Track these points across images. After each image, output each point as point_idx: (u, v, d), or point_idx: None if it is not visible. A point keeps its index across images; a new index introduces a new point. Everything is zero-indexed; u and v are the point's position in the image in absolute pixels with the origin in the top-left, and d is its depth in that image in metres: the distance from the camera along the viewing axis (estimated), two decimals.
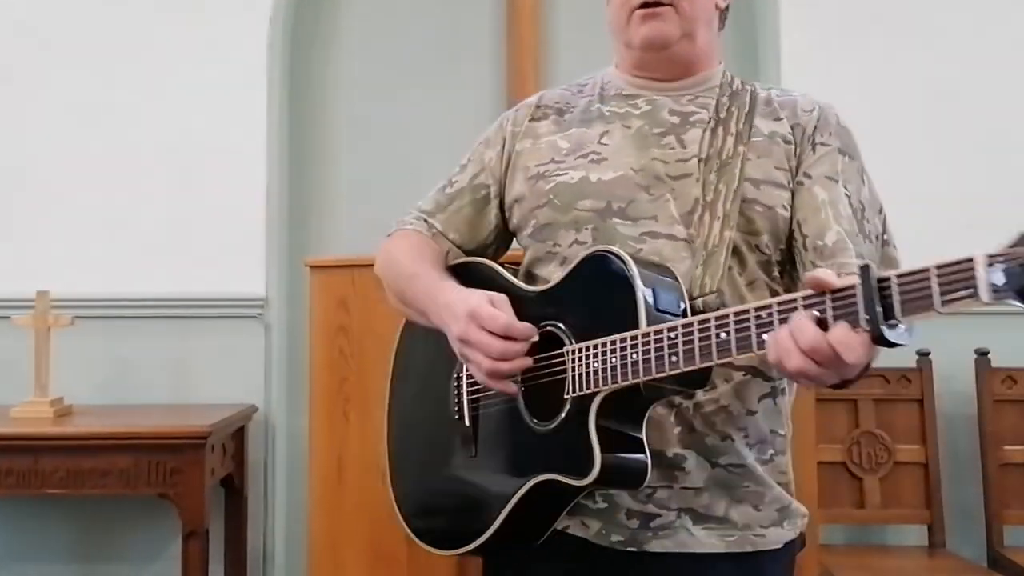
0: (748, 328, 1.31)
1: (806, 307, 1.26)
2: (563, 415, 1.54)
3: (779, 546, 1.68)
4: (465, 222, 1.87)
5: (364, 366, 2.68)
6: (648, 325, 1.44)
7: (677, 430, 1.62)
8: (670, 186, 1.67)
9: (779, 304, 1.29)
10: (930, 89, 3.78)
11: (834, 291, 1.23)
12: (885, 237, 1.72)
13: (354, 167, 4.08)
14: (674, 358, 1.39)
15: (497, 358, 1.53)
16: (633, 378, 1.44)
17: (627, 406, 1.51)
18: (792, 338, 1.25)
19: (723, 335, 1.33)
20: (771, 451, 1.70)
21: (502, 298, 1.58)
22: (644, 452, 1.51)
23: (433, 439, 1.80)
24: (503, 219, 1.87)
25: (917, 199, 3.64)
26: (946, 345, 3.56)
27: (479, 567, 1.88)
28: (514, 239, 1.89)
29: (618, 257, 1.52)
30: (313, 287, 2.80)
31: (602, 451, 1.47)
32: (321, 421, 2.73)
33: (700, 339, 1.36)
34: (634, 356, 1.43)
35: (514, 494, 1.60)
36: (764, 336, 1.29)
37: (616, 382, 1.46)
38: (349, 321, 2.71)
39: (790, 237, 1.68)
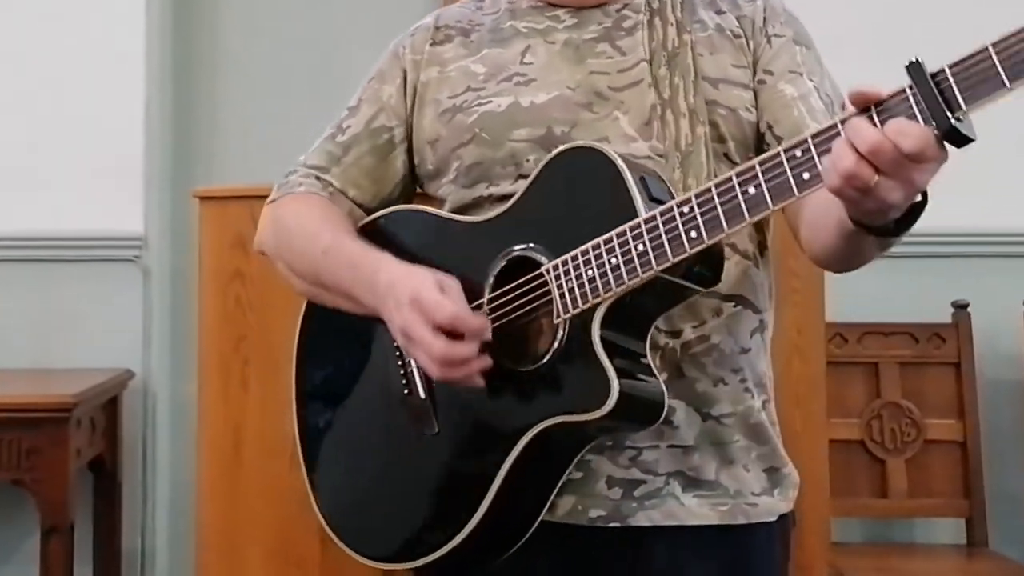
0: (783, 173, 1.37)
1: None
2: (556, 345, 1.56)
3: (772, 519, 1.74)
4: (366, 174, 1.86)
5: (267, 320, 2.67)
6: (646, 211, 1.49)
7: (663, 376, 1.64)
8: (616, 100, 1.72)
9: (815, 138, 1.34)
10: None
11: (881, 101, 1.29)
12: None
13: (252, 81, 4.08)
14: (693, 233, 1.44)
15: (440, 361, 1.53)
16: (644, 272, 1.48)
17: (628, 325, 1.56)
18: (849, 144, 1.29)
19: (751, 190, 1.40)
20: (765, 396, 1.77)
21: (452, 283, 1.58)
22: (656, 377, 1.57)
23: (371, 419, 1.79)
24: (411, 166, 1.88)
25: None
26: (988, 295, 3.58)
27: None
28: (418, 189, 1.92)
29: (590, 148, 1.58)
30: (203, 223, 2.79)
31: (617, 374, 1.50)
32: (213, 389, 2.73)
33: (723, 202, 1.42)
34: (639, 247, 1.48)
35: (503, 463, 1.59)
36: (805, 174, 1.35)
37: (622, 283, 1.50)
38: (248, 265, 2.69)
39: (760, 141, 1.75)
